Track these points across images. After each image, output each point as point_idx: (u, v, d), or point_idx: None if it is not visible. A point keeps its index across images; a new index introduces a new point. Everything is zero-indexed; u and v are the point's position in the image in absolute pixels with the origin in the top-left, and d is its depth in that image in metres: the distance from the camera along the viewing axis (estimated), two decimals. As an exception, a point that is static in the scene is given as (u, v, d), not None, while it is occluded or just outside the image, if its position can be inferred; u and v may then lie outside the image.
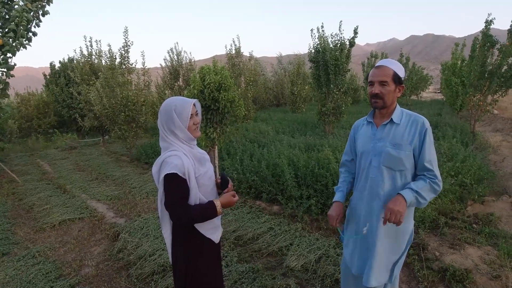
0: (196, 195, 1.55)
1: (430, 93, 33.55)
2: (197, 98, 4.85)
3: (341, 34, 7.81)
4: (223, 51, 10.57)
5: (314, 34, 7.98)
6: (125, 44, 8.26)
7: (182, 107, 1.56)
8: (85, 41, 10.42)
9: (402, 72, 1.69)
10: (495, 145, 7.55)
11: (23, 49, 4.82)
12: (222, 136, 5.36)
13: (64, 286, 2.96)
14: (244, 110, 5.44)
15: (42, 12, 4.87)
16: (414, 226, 2.59)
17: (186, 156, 1.54)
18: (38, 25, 4.94)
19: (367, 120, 1.85)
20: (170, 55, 12.53)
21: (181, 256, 1.62)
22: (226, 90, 4.93)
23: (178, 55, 12.52)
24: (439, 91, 29.54)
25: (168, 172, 1.45)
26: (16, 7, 4.45)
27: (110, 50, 8.58)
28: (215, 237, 1.69)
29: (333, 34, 7.84)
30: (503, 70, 7.55)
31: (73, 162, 9.01)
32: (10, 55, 4.76)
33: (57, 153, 10.92)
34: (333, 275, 2.79)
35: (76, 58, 10.89)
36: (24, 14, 4.41)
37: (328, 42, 7.88)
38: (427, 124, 1.66)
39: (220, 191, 1.77)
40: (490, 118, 12.19)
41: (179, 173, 1.47)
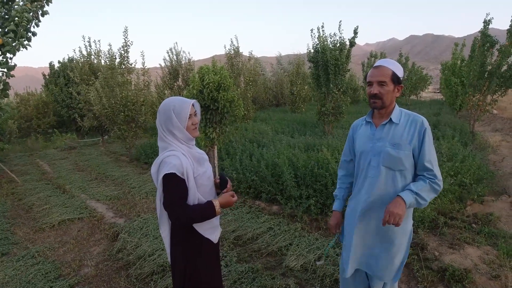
0: (194, 195, 1.55)
1: (429, 93, 33.59)
2: (196, 98, 4.85)
3: (340, 34, 7.81)
4: (222, 51, 10.57)
5: (314, 34, 7.98)
6: (124, 44, 8.26)
7: (180, 107, 1.56)
8: (84, 41, 10.40)
9: (401, 72, 1.69)
10: (494, 145, 7.56)
11: (23, 49, 4.81)
12: (222, 136, 5.36)
13: (64, 286, 2.96)
14: (243, 110, 5.44)
15: (41, 12, 4.86)
16: (413, 226, 2.59)
17: (184, 156, 1.54)
18: (38, 25, 4.93)
19: (366, 120, 1.85)
20: (170, 55, 12.52)
21: (179, 256, 1.61)
22: (226, 90, 4.93)
23: (177, 55, 12.50)
24: (438, 91, 29.58)
25: (166, 172, 1.45)
26: (16, 7, 4.45)
27: (110, 50, 8.58)
28: (214, 237, 1.69)
29: (332, 34, 7.84)
30: (502, 70, 7.56)
31: (72, 162, 9.01)
32: (10, 55, 4.76)
33: (56, 153, 10.91)
34: (332, 275, 2.79)
35: (76, 58, 10.88)
36: (24, 14, 4.40)
37: (328, 42, 7.88)
38: (426, 124, 1.66)
39: (219, 191, 1.77)
40: (489, 118, 12.20)
41: (178, 173, 1.47)
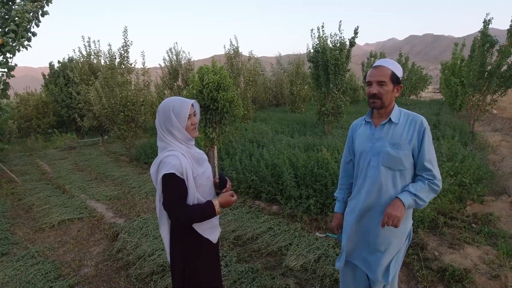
0: (194, 195, 1.55)
1: (429, 93, 33.61)
2: (196, 98, 4.85)
3: (341, 34, 7.81)
4: (222, 51, 10.56)
5: (314, 34, 7.98)
6: (124, 44, 8.26)
7: (180, 107, 1.55)
8: (83, 41, 10.40)
9: (400, 72, 1.69)
10: (494, 144, 7.56)
11: (23, 49, 4.81)
12: (221, 136, 5.36)
13: (63, 286, 2.96)
14: (243, 109, 5.44)
15: (41, 12, 4.86)
16: (413, 225, 2.59)
17: (184, 156, 1.54)
18: (38, 25, 4.93)
19: (365, 120, 1.85)
20: (169, 55, 12.51)
21: (179, 256, 1.61)
22: (225, 90, 4.93)
23: (177, 55, 12.50)
24: (438, 91, 29.59)
25: (166, 172, 1.45)
26: (16, 7, 4.44)
27: (110, 50, 8.58)
28: (213, 237, 1.69)
29: (332, 34, 7.84)
30: (502, 70, 7.56)
31: (72, 162, 9.00)
32: (10, 56, 4.75)
33: (56, 153, 10.91)
34: (332, 274, 2.79)
35: (75, 58, 10.87)
36: (26, 15, 4.40)
37: (328, 42, 7.88)
38: (426, 123, 1.66)
39: (218, 191, 1.77)
40: (489, 118, 12.20)
41: (177, 173, 1.47)
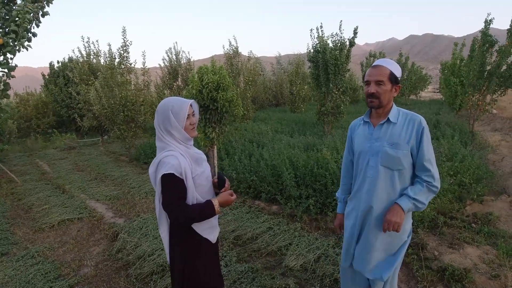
0: (193, 195, 1.55)
1: (429, 92, 33.59)
2: (195, 98, 4.85)
3: (341, 33, 7.81)
4: (222, 51, 10.56)
5: (313, 34, 7.98)
6: (123, 44, 8.25)
7: (179, 107, 1.55)
8: (82, 41, 10.42)
9: (399, 72, 1.69)
10: (494, 144, 7.56)
11: (23, 49, 4.81)
12: (221, 136, 5.36)
13: (63, 286, 2.96)
14: (242, 109, 5.44)
15: (42, 12, 4.86)
16: (413, 225, 2.60)
17: (182, 156, 1.54)
18: (38, 25, 4.93)
19: (363, 120, 1.85)
20: (169, 55, 12.51)
21: (178, 256, 1.61)
22: (225, 90, 4.93)
23: (176, 55, 12.49)
24: (438, 90, 29.58)
25: (165, 173, 1.45)
26: (16, 7, 4.44)
27: (110, 50, 8.58)
28: (212, 237, 1.69)
29: (333, 34, 7.84)
30: (502, 70, 7.56)
31: (72, 162, 9.00)
32: (11, 56, 4.75)
33: (56, 153, 10.91)
34: (332, 274, 2.79)
35: (75, 58, 10.88)
36: (26, 16, 4.40)
37: (328, 42, 7.88)
38: (424, 123, 1.66)
39: (217, 191, 1.77)
40: (489, 117, 12.20)
41: (176, 173, 1.47)
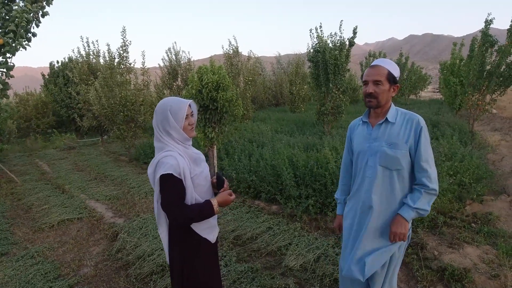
0: (191, 195, 1.55)
1: (428, 92, 33.59)
2: (195, 98, 4.85)
3: (341, 33, 7.80)
4: (222, 51, 10.55)
5: (313, 34, 7.98)
6: (123, 43, 8.25)
7: (177, 107, 1.55)
8: (82, 41, 10.42)
9: (397, 72, 1.69)
10: (493, 144, 7.56)
11: (22, 49, 4.81)
12: (221, 136, 5.36)
13: (63, 286, 2.96)
14: (242, 109, 5.44)
15: (41, 13, 4.86)
16: (412, 225, 2.59)
17: (181, 156, 1.54)
18: (38, 25, 4.93)
19: (362, 120, 1.86)
20: (169, 55, 12.50)
21: (177, 256, 1.62)
22: (224, 90, 4.93)
23: (176, 55, 12.48)
24: (437, 90, 29.57)
25: (163, 173, 1.45)
26: (15, 7, 4.45)
27: (109, 50, 8.57)
28: (211, 237, 1.69)
29: (332, 33, 7.84)
30: (501, 70, 7.56)
31: (71, 162, 9.00)
32: (9, 55, 4.76)
33: (55, 153, 10.91)
34: (332, 274, 2.79)
35: (75, 58, 10.88)
36: (24, 15, 4.40)
37: (327, 42, 7.87)
38: (422, 122, 1.66)
39: (216, 191, 1.77)
40: (488, 117, 12.20)
41: (175, 173, 1.47)
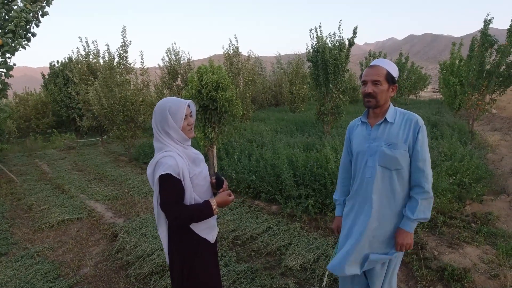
0: (191, 195, 1.55)
1: (428, 92, 33.58)
2: (195, 98, 4.85)
3: (340, 33, 7.80)
4: (222, 51, 10.55)
5: (313, 34, 7.98)
6: (123, 43, 8.24)
7: (176, 107, 1.55)
8: (81, 41, 10.44)
9: (396, 72, 1.70)
10: (493, 144, 7.56)
11: (22, 49, 4.82)
12: (220, 136, 5.36)
13: (63, 286, 2.96)
14: (242, 109, 5.44)
15: (41, 12, 4.86)
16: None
17: (180, 157, 1.54)
18: (37, 25, 4.93)
19: (361, 120, 1.85)
20: (168, 55, 12.49)
21: (177, 256, 1.62)
22: (224, 90, 4.93)
23: (176, 55, 12.47)
24: (437, 90, 29.56)
25: (162, 173, 1.46)
26: (15, 7, 4.45)
27: (109, 50, 8.57)
28: (211, 237, 1.69)
29: (331, 34, 7.83)
30: (501, 70, 7.56)
31: (71, 162, 9.00)
32: (9, 55, 4.76)
33: (55, 153, 10.90)
34: (331, 274, 2.79)
35: (74, 58, 10.88)
36: (23, 14, 4.40)
37: (327, 42, 7.87)
38: (421, 122, 1.66)
39: (215, 191, 1.77)
40: (488, 117, 12.20)
41: (174, 173, 1.47)
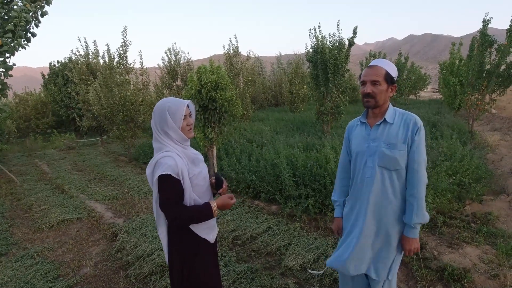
0: (190, 195, 1.55)
1: (428, 92, 33.59)
2: (194, 98, 4.85)
3: (339, 33, 7.80)
4: (222, 51, 10.55)
5: (312, 34, 7.98)
6: (123, 43, 8.24)
7: (175, 107, 1.55)
8: (80, 42, 10.46)
9: (395, 72, 1.70)
10: (493, 144, 7.57)
11: (21, 49, 4.82)
12: (220, 136, 5.36)
13: (63, 287, 2.96)
14: (241, 109, 5.44)
15: (41, 12, 4.86)
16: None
17: (179, 157, 1.54)
18: (37, 25, 4.94)
19: (360, 121, 1.85)
20: (168, 55, 12.49)
21: (176, 256, 1.62)
22: (224, 90, 4.93)
23: (176, 55, 12.47)
24: (437, 90, 29.57)
25: (161, 173, 1.45)
26: (15, 7, 4.45)
27: (109, 50, 8.57)
28: (211, 237, 1.69)
29: (331, 34, 7.83)
30: (501, 70, 7.56)
31: (71, 162, 8.99)
32: (8, 55, 4.77)
33: (55, 153, 10.90)
34: (331, 274, 2.80)
35: (74, 58, 10.88)
36: (22, 14, 4.40)
37: (326, 42, 7.87)
38: (420, 123, 1.67)
39: (214, 192, 1.77)
40: (488, 117, 12.20)
41: (173, 173, 1.47)
